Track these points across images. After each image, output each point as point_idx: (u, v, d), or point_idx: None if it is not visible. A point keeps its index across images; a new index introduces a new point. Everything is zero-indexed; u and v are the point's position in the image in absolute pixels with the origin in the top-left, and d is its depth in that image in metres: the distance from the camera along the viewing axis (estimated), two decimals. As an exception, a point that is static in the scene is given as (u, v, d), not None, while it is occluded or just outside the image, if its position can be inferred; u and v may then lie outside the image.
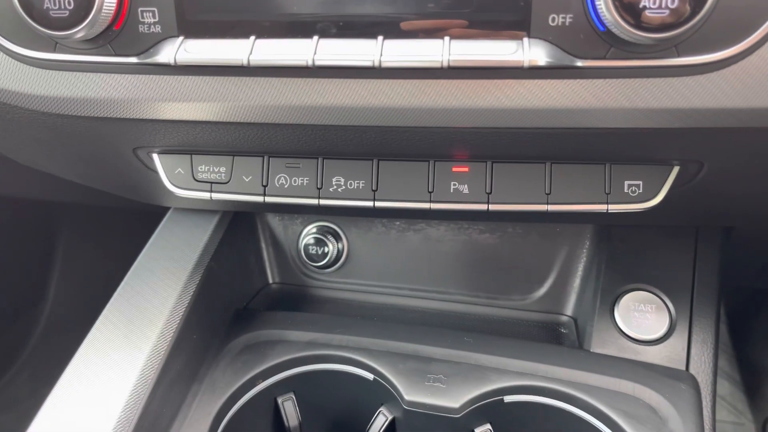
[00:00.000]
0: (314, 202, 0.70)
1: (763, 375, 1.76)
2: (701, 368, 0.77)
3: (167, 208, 0.87)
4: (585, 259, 0.88)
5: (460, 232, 0.91)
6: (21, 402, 2.09)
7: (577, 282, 0.89)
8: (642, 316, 0.80)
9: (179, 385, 0.73)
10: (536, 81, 0.55)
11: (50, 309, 2.31)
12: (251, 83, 0.59)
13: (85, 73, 0.62)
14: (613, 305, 0.81)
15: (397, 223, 0.92)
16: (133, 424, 0.64)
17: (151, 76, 0.60)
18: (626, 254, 0.84)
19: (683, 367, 0.77)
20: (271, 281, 0.97)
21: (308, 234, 0.94)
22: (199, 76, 0.59)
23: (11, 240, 2.17)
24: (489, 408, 0.73)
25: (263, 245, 0.96)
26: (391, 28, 0.56)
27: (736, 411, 1.73)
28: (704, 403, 0.74)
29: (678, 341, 0.78)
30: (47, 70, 0.62)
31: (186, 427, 0.70)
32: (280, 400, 0.79)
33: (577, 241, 0.88)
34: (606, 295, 0.82)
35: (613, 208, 0.66)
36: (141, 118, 0.63)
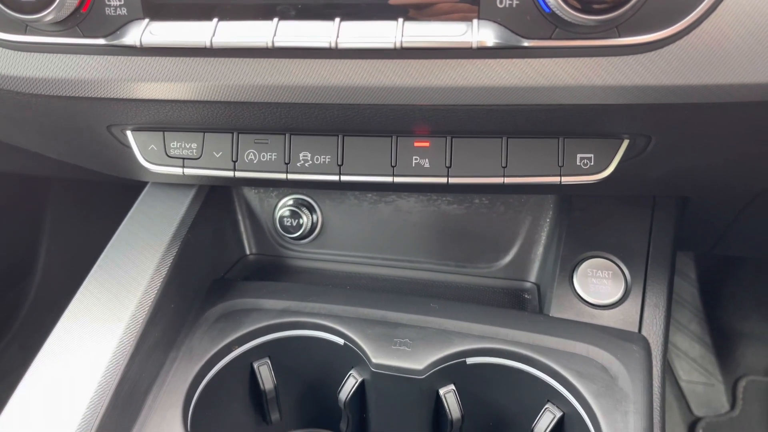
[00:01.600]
0: (282, 176, 0.73)
1: (734, 337, 1.83)
2: (653, 330, 0.81)
3: (146, 182, 0.90)
4: (548, 228, 0.92)
5: (429, 204, 0.94)
6: (12, 372, 2.13)
7: (540, 250, 0.93)
8: (599, 282, 0.84)
9: (157, 352, 0.76)
10: (485, 60, 0.58)
11: (39, 281, 2.34)
12: (215, 64, 0.61)
13: (55, 54, 0.64)
14: (572, 272, 0.85)
15: (369, 195, 0.95)
16: (113, 389, 0.68)
17: (119, 57, 0.62)
18: (586, 223, 0.87)
19: (636, 330, 0.81)
20: (248, 252, 1.01)
21: (283, 206, 0.97)
22: (165, 57, 0.62)
23: (-1, 214, 2.18)
24: (452, 369, 0.77)
25: (240, 217, 0.99)
26: (347, 10, 0.58)
27: (706, 372, 1.80)
28: (655, 362, 0.79)
29: (632, 305, 0.83)
30: (19, 52, 0.64)
31: (164, 392, 0.74)
32: (255, 365, 0.83)
33: (540, 212, 0.92)
34: (565, 262, 0.86)
35: (566, 179, 0.70)
36: (112, 97, 0.65)
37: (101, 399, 0.67)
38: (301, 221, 0.97)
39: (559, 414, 0.75)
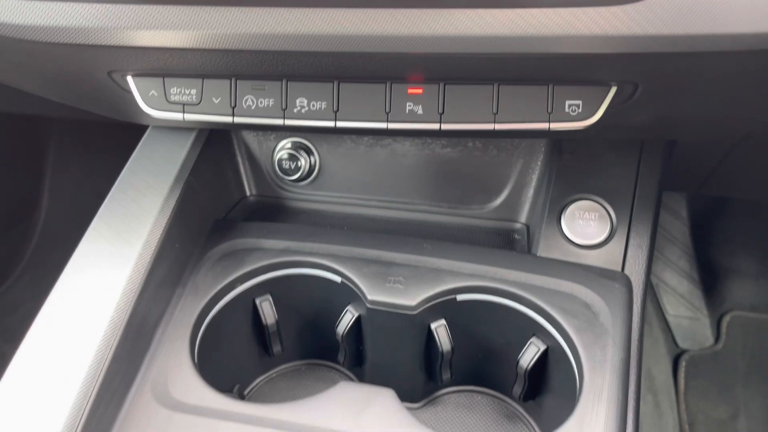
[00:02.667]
0: (280, 122, 0.76)
1: (721, 274, 1.88)
2: (635, 269, 0.85)
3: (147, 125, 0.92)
4: (538, 171, 0.95)
5: (424, 147, 0.97)
6: (23, 304, 2.21)
7: (530, 192, 0.96)
8: (586, 224, 0.88)
9: (164, 289, 0.81)
10: (476, 10, 0.59)
11: (44, 218, 2.38)
12: (212, 12, 0.63)
13: (57, 3, 0.65)
14: (560, 213, 0.88)
15: (366, 138, 0.97)
16: (124, 322, 0.73)
17: (118, 5, 0.63)
18: (575, 167, 0.90)
19: (619, 269, 0.85)
20: (248, 194, 1.04)
21: (282, 149, 1.00)
22: (163, 5, 0.63)
23: (1, 153, 2.21)
24: (443, 306, 0.82)
25: (239, 159, 1.02)
26: (341, -41, 0.59)
27: (693, 307, 1.86)
28: (635, 299, 0.83)
29: (616, 246, 0.86)
30: (22, 1, 0.65)
31: (172, 326, 0.79)
32: (257, 301, 0.87)
33: (531, 155, 0.94)
34: (554, 204, 0.89)
35: (555, 126, 0.72)
36: (111, 44, 0.67)
37: (114, 332, 0.72)
38: (299, 163, 0.99)
39: (543, 347, 0.80)
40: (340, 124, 0.75)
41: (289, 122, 0.75)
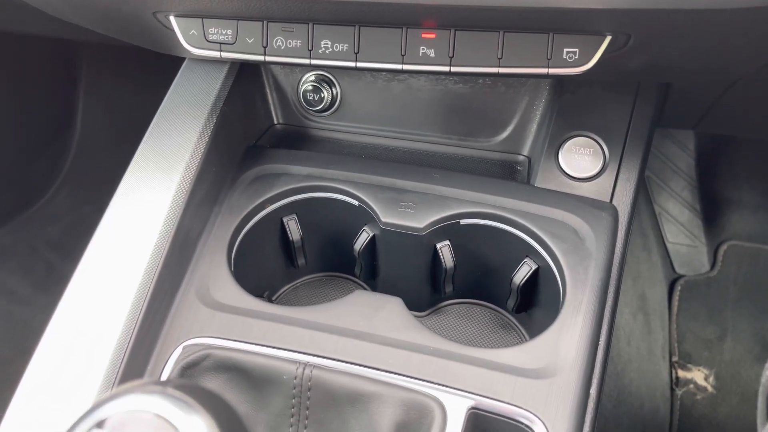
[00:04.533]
0: (306, 61, 0.84)
1: (722, 205, 1.96)
2: (622, 200, 0.94)
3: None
4: (542, 108, 1.02)
5: (437, 83, 1.05)
6: (63, 217, 2.36)
7: (533, 128, 1.04)
8: (581, 158, 0.96)
9: (203, 207, 0.92)
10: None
11: (79, 135, 2.48)
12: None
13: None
14: (558, 148, 0.97)
15: (383, 74, 1.05)
16: (171, 235, 0.85)
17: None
18: (574, 105, 0.98)
19: (608, 200, 0.95)
20: (275, 122, 1.13)
21: (306, 82, 1.08)
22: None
23: (36, 74, 2.30)
24: (447, 228, 0.92)
25: (268, 91, 1.10)
26: None
27: (692, 236, 1.95)
28: (621, 227, 0.93)
29: (607, 179, 0.95)
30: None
31: (211, 239, 0.91)
32: (285, 220, 0.98)
33: (536, 93, 1.02)
34: (553, 139, 0.97)
35: (553, 71, 0.80)
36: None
37: (163, 243, 0.84)
38: (322, 95, 1.08)
39: (534, 267, 0.91)
40: (360, 64, 0.83)
41: (314, 62, 0.84)
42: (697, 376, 1.73)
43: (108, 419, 0.40)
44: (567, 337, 0.78)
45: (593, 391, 0.77)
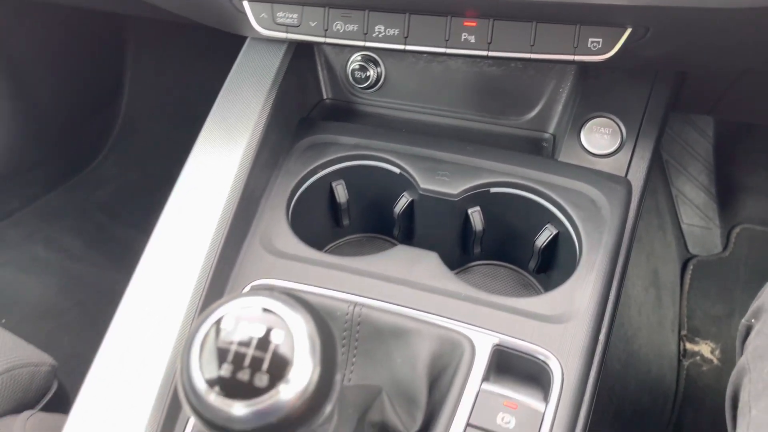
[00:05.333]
0: (361, 44, 0.96)
1: (738, 190, 2.05)
2: (636, 176, 1.05)
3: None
4: (567, 90, 1.13)
5: (473, 65, 1.16)
6: (110, 181, 2.51)
7: (559, 108, 1.15)
8: (600, 137, 1.07)
9: (265, 170, 1.05)
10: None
11: (127, 104, 2.62)
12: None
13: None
14: (581, 127, 1.08)
15: (424, 55, 1.16)
16: (240, 192, 0.97)
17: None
18: (597, 89, 1.08)
19: (623, 175, 1.06)
20: (325, 97, 1.26)
21: (354, 61, 1.20)
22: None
23: (86, 46, 2.43)
24: (478, 195, 1.03)
25: (319, 68, 1.22)
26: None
27: (706, 218, 2.05)
28: (633, 199, 1.04)
29: (623, 156, 1.06)
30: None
31: (272, 198, 1.03)
32: (333, 184, 1.10)
33: (563, 77, 1.13)
34: (576, 119, 1.08)
35: (578, 58, 0.91)
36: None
37: (234, 198, 0.96)
38: (368, 74, 1.20)
39: (555, 231, 1.02)
40: (409, 47, 0.95)
41: (368, 44, 0.96)
42: (704, 349, 1.83)
43: (224, 317, 0.53)
44: (581, 290, 0.90)
45: (602, 336, 0.89)
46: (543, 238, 1.03)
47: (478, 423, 0.78)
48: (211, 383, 0.49)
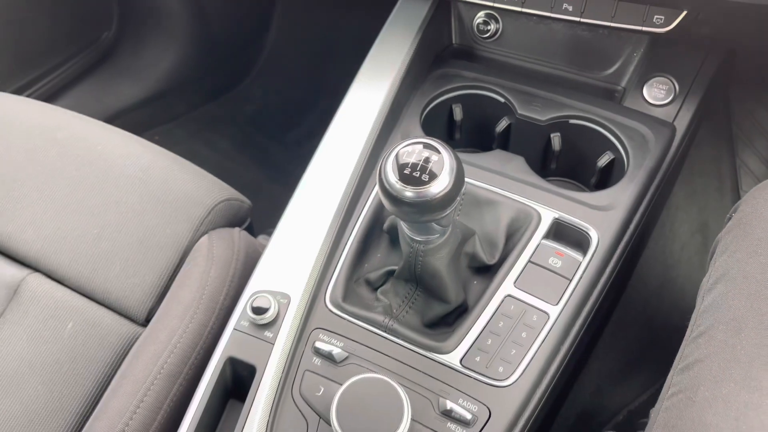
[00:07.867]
0: (490, 3, 1.35)
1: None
2: (681, 123, 1.39)
3: None
4: (640, 56, 1.47)
5: (570, 28, 1.51)
6: (255, 100, 3.00)
7: (631, 68, 1.48)
8: (658, 91, 1.42)
9: (408, 90, 1.46)
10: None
11: (274, 37, 3.04)
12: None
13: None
14: (644, 83, 1.44)
15: (534, 17, 1.54)
16: (389, 105, 1.38)
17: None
18: (662, 56, 1.42)
19: (671, 121, 1.42)
20: (453, 42, 1.66)
21: (479, 17, 1.58)
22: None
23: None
24: (560, 124, 1.41)
25: (453, 20, 1.62)
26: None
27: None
28: (676, 140, 1.40)
29: (673, 107, 1.40)
30: None
31: (410, 108, 1.43)
32: (453, 106, 1.52)
33: (637, 44, 1.47)
34: (642, 77, 1.43)
35: (645, 28, 1.26)
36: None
37: (384, 108, 1.38)
38: (489, 27, 1.58)
39: (612, 157, 1.38)
40: (524, 9, 1.34)
41: (494, 4, 1.35)
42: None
43: (404, 148, 0.96)
44: (621, 193, 1.28)
45: (632, 225, 1.27)
46: (603, 160, 1.41)
47: (537, 261, 1.19)
48: (397, 177, 0.93)
